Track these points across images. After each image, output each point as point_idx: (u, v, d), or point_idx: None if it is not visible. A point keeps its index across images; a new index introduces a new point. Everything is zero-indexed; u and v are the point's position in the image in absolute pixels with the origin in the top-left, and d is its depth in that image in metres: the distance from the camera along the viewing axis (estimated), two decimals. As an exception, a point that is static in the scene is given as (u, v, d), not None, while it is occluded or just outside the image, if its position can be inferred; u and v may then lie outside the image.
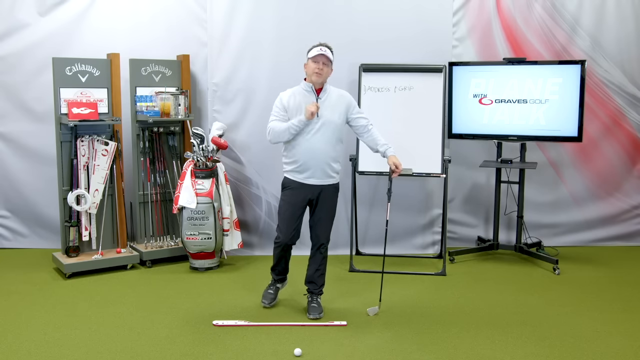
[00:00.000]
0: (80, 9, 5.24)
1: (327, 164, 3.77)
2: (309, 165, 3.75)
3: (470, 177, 5.62)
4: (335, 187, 3.90)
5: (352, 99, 3.88)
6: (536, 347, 3.45)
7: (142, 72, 5.03)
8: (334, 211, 3.92)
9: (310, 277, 3.97)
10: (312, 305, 3.91)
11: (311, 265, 3.97)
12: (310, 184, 3.79)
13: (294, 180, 3.82)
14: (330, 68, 3.77)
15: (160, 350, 3.37)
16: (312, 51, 3.73)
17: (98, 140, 4.85)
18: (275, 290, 4.11)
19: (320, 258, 3.93)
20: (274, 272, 4.11)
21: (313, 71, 3.70)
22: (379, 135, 3.90)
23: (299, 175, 3.79)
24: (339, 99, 3.82)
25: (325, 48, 3.73)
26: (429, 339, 3.54)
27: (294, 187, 3.82)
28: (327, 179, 3.81)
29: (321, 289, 3.98)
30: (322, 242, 3.90)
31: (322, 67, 3.69)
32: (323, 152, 3.74)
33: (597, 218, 5.71)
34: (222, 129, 5.06)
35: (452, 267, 5.02)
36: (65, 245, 4.79)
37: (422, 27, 5.24)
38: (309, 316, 3.86)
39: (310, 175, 3.77)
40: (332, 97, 3.80)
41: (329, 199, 3.86)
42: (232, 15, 5.16)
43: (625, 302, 4.20)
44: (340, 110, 3.80)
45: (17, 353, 3.33)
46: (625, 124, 5.58)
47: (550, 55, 5.42)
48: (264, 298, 4.06)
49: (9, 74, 5.27)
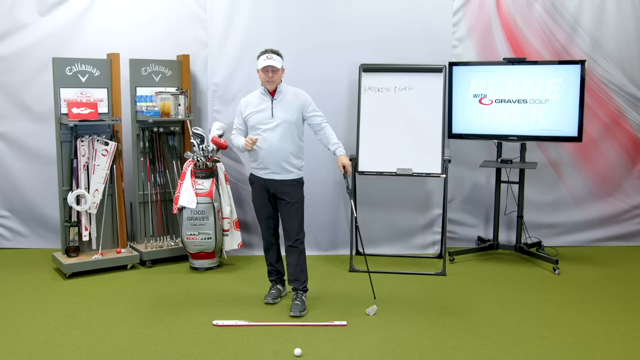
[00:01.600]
0: (80, 9, 5.24)
1: (285, 160, 3.95)
2: (267, 162, 3.96)
3: (470, 177, 5.62)
4: (298, 181, 4.05)
5: (307, 98, 4.05)
6: (536, 347, 3.45)
7: (142, 72, 5.03)
8: (300, 205, 4.05)
9: (292, 274, 4.08)
10: (295, 303, 3.99)
11: (290, 263, 4.08)
12: (270, 179, 3.99)
13: (256, 176, 4.06)
14: (281, 72, 3.95)
15: (160, 350, 3.37)
16: (259, 61, 3.92)
17: (98, 140, 4.85)
18: (277, 290, 4.20)
19: (298, 252, 4.05)
20: (270, 275, 4.27)
21: (264, 80, 3.93)
22: (332, 135, 4.08)
23: (260, 172, 4.02)
24: (294, 99, 4.01)
25: (271, 55, 3.90)
26: (429, 339, 3.54)
27: (257, 183, 4.06)
28: (287, 174, 3.99)
29: (305, 285, 4.07)
30: (295, 236, 4.02)
31: (272, 75, 3.89)
32: (280, 149, 3.93)
33: (597, 218, 5.71)
34: (222, 129, 5.06)
35: (452, 267, 5.02)
36: (65, 245, 4.79)
37: (422, 27, 5.24)
38: (290, 313, 3.92)
39: (271, 172, 3.98)
40: (287, 96, 4.00)
41: (291, 193, 4.01)
42: (232, 15, 5.16)
43: (625, 302, 4.20)
44: (294, 108, 3.98)
45: (17, 353, 3.33)
46: (625, 124, 5.58)
47: (550, 55, 5.42)
48: (267, 296, 4.16)
49: (9, 74, 5.27)
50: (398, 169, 4.89)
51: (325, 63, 5.15)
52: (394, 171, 4.89)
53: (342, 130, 5.22)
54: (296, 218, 4.02)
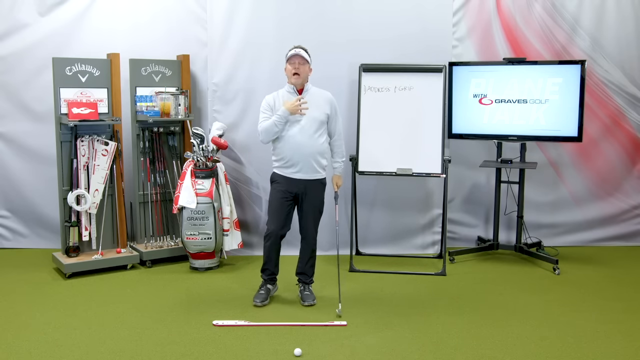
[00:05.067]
0: (80, 9, 5.25)
1: (313, 159, 3.93)
2: (296, 161, 3.91)
3: (470, 177, 5.62)
4: (322, 182, 4.05)
5: (334, 100, 4.08)
6: (536, 347, 3.45)
7: (142, 72, 5.03)
8: (321, 205, 4.09)
9: (301, 268, 4.15)
10: (305, 294, 4.10)
11: (302, 258, 4.15)
12: (296, 178, 3.94)
13: (281, 175, 4.00)
14: (308, 67, 3.96)
15: (160, 350, 3.37)
16: (288, 54, 3.94)
17: (98, 140, 4.85)
18: (266, 291, 4.16)
19: (310, 251, 4.12)
20: (264, 272, 4.20)
21: (291, 72, 3.91)
22: (342, 150, 4.16)
23: (286, 170, 3.96)
24: (324, 98, 4.02)
25: (299, 49, 3.93)
26: (429, 339, 3.54)
27: (281, 182, 4.00)
28: (314, 174, 3.97)
29: (312, 279, 4.17)
30: (313, 236, 4.08)
31: (299, 66, 3.88)
32: (309, 147, 3.90)
33: (597, 218, 5.71)
34: (222, 129, 5.06)
35: (452, 267, 5.02)
36: (65, 245, 4.79)
37: (422, 27, 5.24)
38: (304, 303, 4.02)
39: (298, 170, 3.93)
40: (315, 95, 3.99)
41: (315, 193, 4.01)
42: (232, 15, 5.16)
43: (625, 302, 4.20)
44: (324, 108, 3.98)
45: (17, 353, 3.33)
46: (625, 124, 5.58)
47: (550, 55, 5.42)
48: (256, 298, 4.11)
49: (9, 74, 5.27)
50: (398, 169, 4.89)
51: (325, 63, 5.14)
52: (394, 171, 4.89)
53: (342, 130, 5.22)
54: (316, 218, 4.07)
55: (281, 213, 3.99)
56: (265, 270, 4.18)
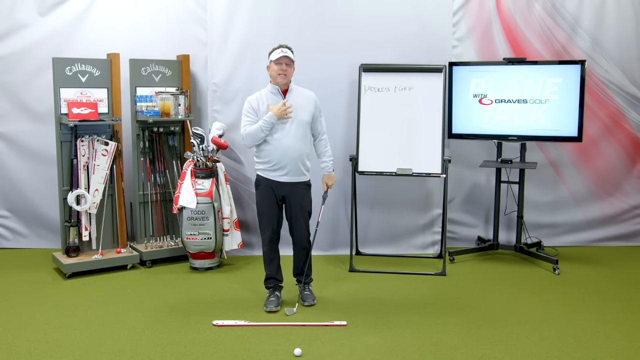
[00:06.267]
0: (80, 9, 5.25)
1: (300, 161, 3.90)
2: (283, 164, 3.86)
3: (470, 177, 5.62)
4: (307, 183, 4.02)
5: (318, 100, 4.01)
6: (536, 347, 3.45)
7: (142, 72, 5.03)
8: (309, 206, 4.05)
9: (297, 268, 4.13)
10: (305, 293, 4.08)
11: (296, 260, 4.12)
12: (282, 181, 3.89)
13: (266, 178, 3.93)
14: (293, 67, 3.89)
15: (160, 350, 3.37)
16: (274, 54, 3.85)
17: (98, 140, 4.85)
18: (276, 297, 4.05)
19: (305, 253, 4.08)
20: (267, 282, 4.10)
21: (277, 73, 3.82)
22: (328, 149, 4.09)
23: (272, 174, 3.90)
24: (308, 99, 3.96)
25: (285, 49, 3.85)
26: (429, 339, 3.54)
27: (266, 185, 3.93)
28: (300, 177, 3.94)
29: (311, 277, 4.15)
30: (306, 239, 4.06)
31: (286, 68, 3.81)
32: (296, 150, 3.86)
33: (597, 218, 5.70)
34: (222, 129, 5.06)
35: (452, 267, 5.01)
36: (65, 245, 4.79)
37: (422, 27, 5.24)
38: (304, 303, 4.00)
39: (285, 173, 3.88)
40: (299, 96, 3.92)
41: (302, 195, 3.97)
42: (232, 15, 5.16)
43: (625, 302, 4.20)
44: (309, 109, 3.93)
45: (17, 353, 3.33)
46: (625, 124, 5.58)
47: (550, 55, 5.42)
48: (269, 304, 3.98)
49: (9, 74, 5.27)
50: (398, 169, 4.89)
51: (325, 63, 5.15)
52: (394, 171, 4.89)
53: (342, 130, 5.23)
54: (306, 220, 4.02)
55: (272, 216, 3.96)
56: (269, 280, 4.08)
